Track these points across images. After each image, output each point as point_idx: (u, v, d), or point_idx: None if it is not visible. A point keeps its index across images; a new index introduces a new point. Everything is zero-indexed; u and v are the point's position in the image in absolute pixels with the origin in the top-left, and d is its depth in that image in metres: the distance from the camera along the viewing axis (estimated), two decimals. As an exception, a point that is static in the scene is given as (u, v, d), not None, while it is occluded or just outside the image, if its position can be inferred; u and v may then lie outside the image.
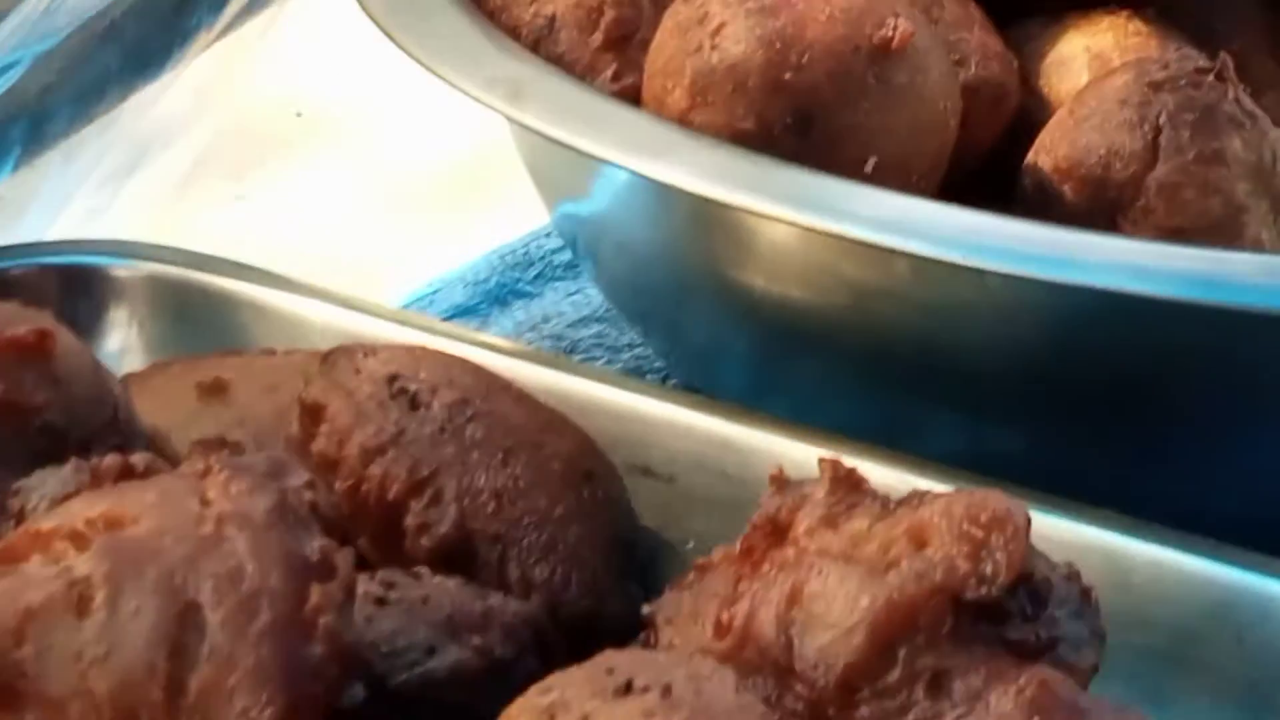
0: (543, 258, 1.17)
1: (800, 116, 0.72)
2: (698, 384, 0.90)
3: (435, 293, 1.14)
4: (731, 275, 0.79)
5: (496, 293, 1.14)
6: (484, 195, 1.25)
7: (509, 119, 0.72)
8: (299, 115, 1.33)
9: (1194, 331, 0.67)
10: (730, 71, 0.72)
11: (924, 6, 0.87)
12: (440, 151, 1.30)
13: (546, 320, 1.09)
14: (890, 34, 0.72)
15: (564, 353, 1.05)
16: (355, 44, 1.04)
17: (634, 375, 0.93)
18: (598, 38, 0.82)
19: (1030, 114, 0.89)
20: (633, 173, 0.68)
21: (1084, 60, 0.89)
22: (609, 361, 1.03)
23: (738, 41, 0.72)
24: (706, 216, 0.67)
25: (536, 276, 1.16)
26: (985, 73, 0.86)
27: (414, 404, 0.67)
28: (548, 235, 1.13)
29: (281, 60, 1.37)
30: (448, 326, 0.79)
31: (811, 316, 0.77)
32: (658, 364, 1.00)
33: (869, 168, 0.72)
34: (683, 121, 0.73)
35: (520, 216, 1.13)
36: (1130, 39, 0.90)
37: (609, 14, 0.82)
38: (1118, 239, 0.69)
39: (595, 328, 1.07)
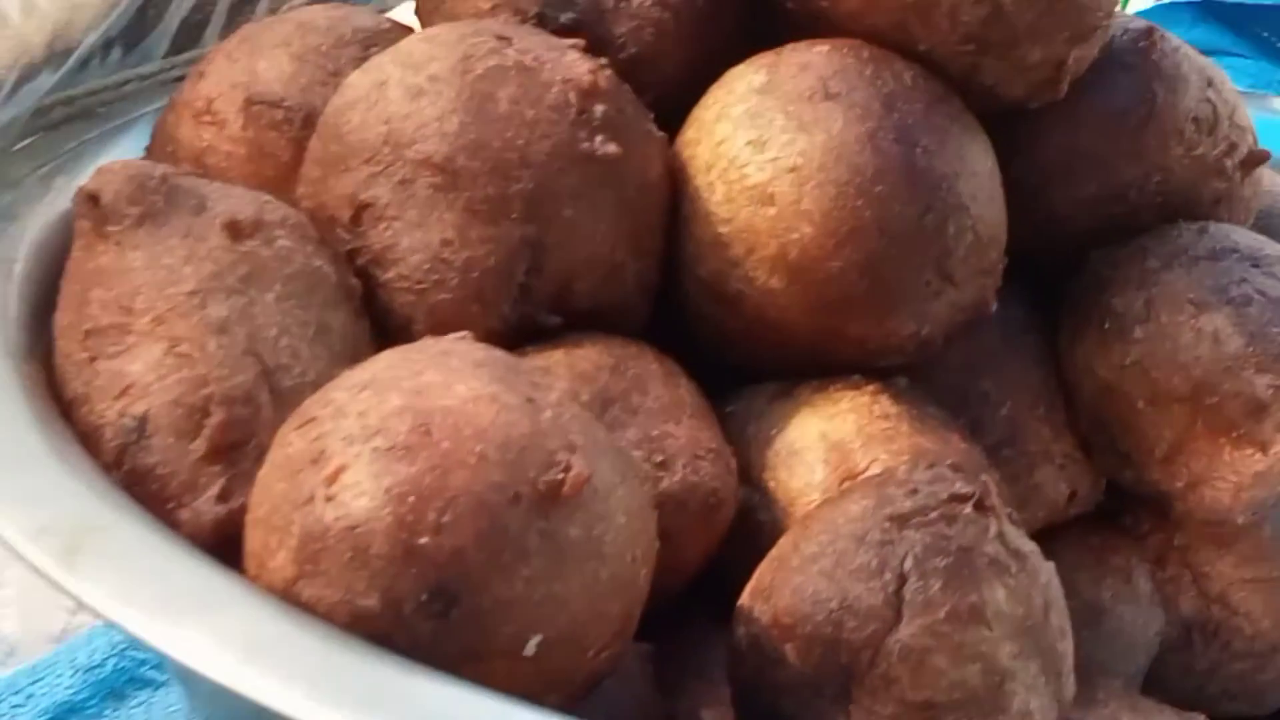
0: (177, 629, 1.05)
1: (439, 593, 0.62)
2: None
3: (35, 682, 1.02)
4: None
5: (112, 682, 1.02)
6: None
7: (59, 589, 0.61)
8: None
9: None
10: (348, 534, 0.62)
11: (620, 394, 0.79)
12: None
13: (169, 728, 0.97)
14: (560, 477, 0.63)
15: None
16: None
17: None
18: (200, 445, 0.72)
19: (753, 514, 0.82)
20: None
21: (820, 451, 0.82)
22: (242, 795, 0.92)
23: (360, 493, 0.62)
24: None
25: (166, 657, 1.04)
26: (695, 477, 0.78)
27: None
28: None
29: None
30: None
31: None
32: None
33: (530, 650, 0.63)
34: (288, 595, 0.63)
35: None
36: (875, 424, 0.83)
37: (215, 415, 0.73)
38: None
39: (231, 740, 0.95)
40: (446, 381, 0.66)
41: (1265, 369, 0.85)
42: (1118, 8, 0.89)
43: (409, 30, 0.95)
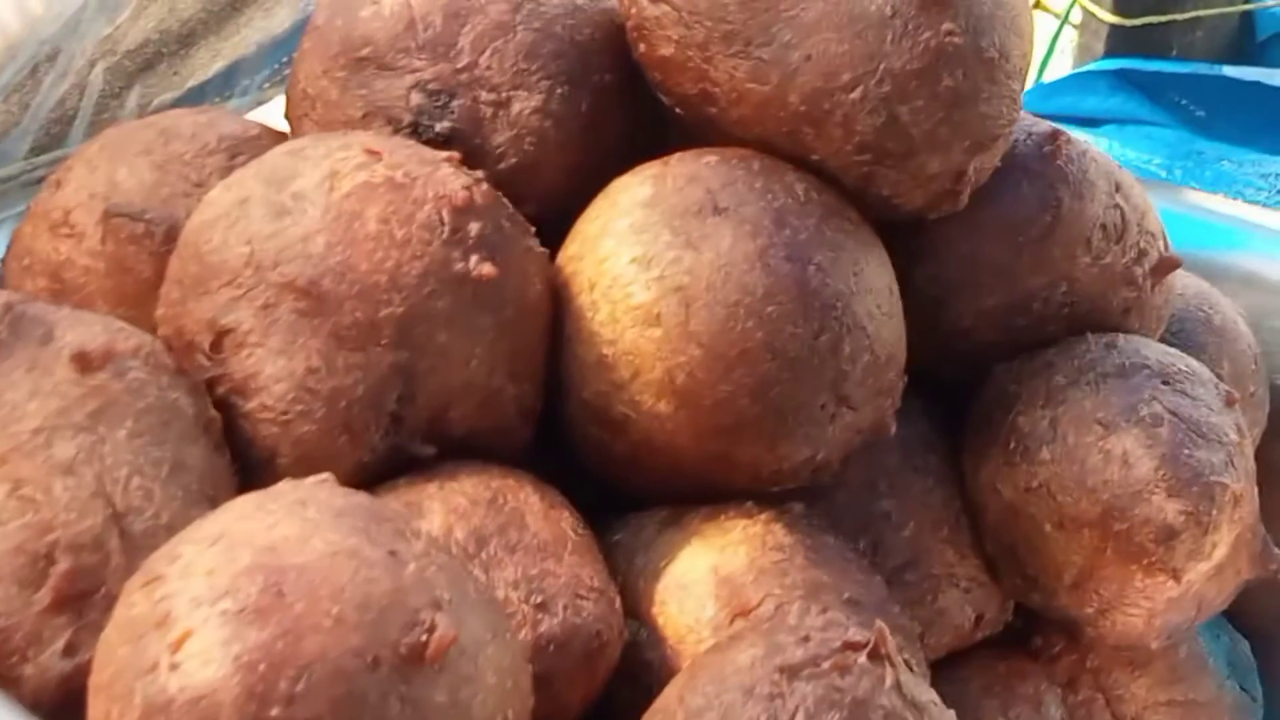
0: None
1: (293, 769, 0.59)
2: None
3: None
4: None
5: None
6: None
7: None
8: None
9: None
10: (193, 705, 0.60)
11: (498, 529, 0.77)
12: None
13: None
14: (423, 639, 0.61)
15: None
16: None
17: None
18: (44, 596, 0.70)
19: (640, 651, 0.80)
20: None
21: (710, 585, 0.80)
22: None
23: (207, 661, 0.60)
24: None
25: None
26: (577, 619, 0.75)
27: None
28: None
29: None
30: None
31: None
32: None
33: (394, 826, 0.60)
34: (131, 770, 0.60)
35: None
36: (768, 556, 0.81)
37: (61, 562, 0.70)
38: None
39: None
40: (302, 535, 0.64)
41: (1176, 494, 0.84)
42: (1019, 113, 0.88)
43: (280, 136, 0.92)
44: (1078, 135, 0.94)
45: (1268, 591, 0.93)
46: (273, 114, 0.97)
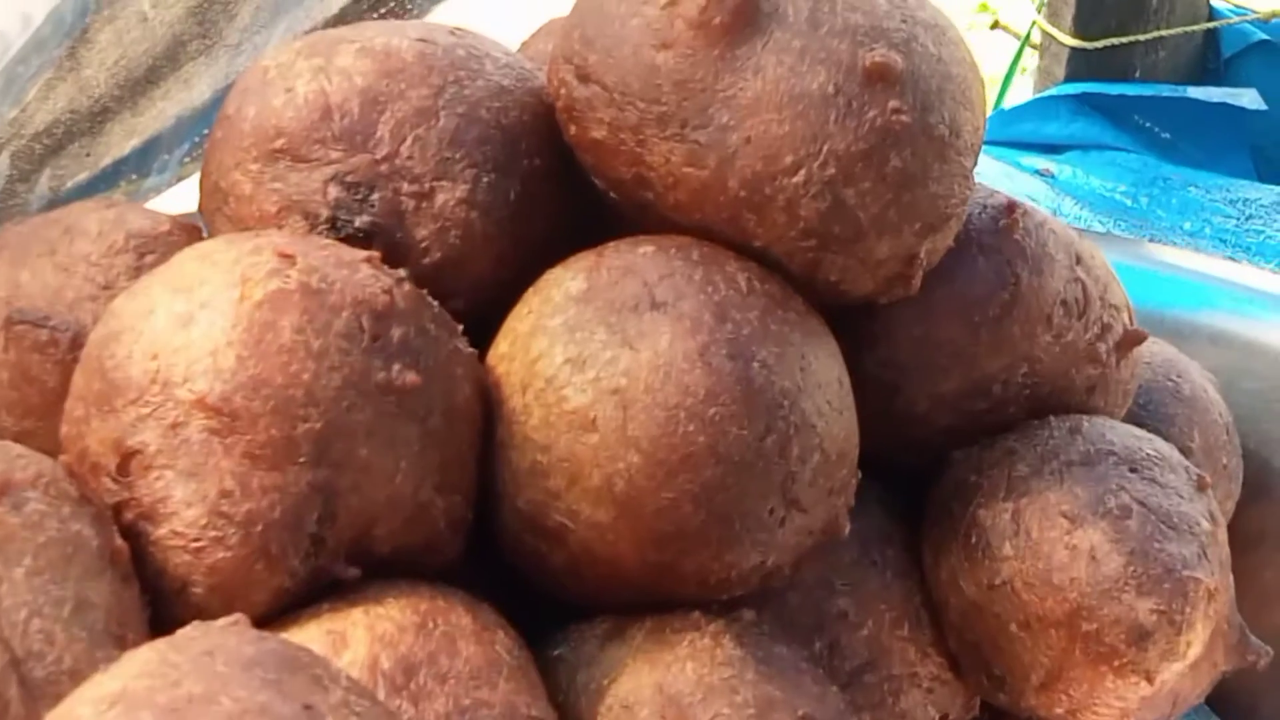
0: None
1: None
2: None
3: None
4: None
5: None
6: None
7: None
8: None
9: None
10: None
11: (427, 657, 0.73)
12: None
13: None
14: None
15: None
16: None
17: None
18: (-64, 758, 0.65)
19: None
20: None
21: (655, 706, 0.76)
22: None
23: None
24: None
25: None
26: (515, 754, 0.72)
27: None
28: None
29: None
30: None
31: None
32: None
33: None
34: None
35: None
36: (716, 672, 0.77)
37: (-47, 718, 0.65)
38: None
39: None
40: (209, 692, 0.60)
41: (1147, 591, 0.80)
42: (971, 190, 0.84)
43: (193, 229, 0.88)
44: (1036, 206, 0.91)
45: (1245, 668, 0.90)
46: (193, 192, 0.93)
